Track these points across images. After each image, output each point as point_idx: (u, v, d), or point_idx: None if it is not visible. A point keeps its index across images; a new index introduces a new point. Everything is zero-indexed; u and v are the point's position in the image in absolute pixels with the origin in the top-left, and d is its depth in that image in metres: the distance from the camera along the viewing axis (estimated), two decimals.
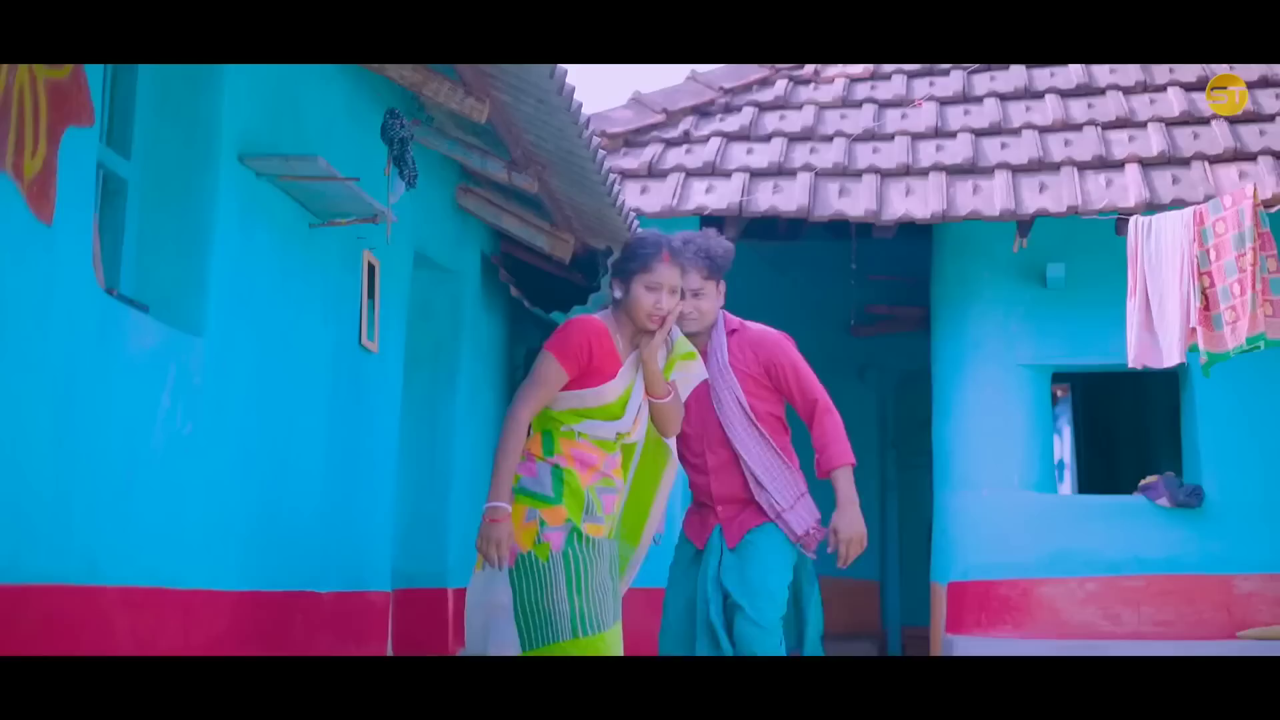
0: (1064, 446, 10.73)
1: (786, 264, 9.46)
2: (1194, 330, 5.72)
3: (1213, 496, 6.86)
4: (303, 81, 4.37)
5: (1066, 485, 10.72)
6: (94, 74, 3.18)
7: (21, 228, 2.86)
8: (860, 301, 8.68)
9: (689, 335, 3.91)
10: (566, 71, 4.29)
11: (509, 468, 3.35)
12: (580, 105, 4.60)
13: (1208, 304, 5.69)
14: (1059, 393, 10.50)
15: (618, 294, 3.52)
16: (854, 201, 6.72)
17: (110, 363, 3.24)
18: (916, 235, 7.77)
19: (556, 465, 3.42)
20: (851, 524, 3.95)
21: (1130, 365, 6.07)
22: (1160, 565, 6.86)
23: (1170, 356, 5.86)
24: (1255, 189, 5.63)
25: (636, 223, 6.21)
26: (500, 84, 4.63)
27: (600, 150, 5.16)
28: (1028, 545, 7.00)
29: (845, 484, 3.98)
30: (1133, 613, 6.83)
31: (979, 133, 7.21)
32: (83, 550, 3.14)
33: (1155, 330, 5.96)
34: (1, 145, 2.77)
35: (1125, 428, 10.22)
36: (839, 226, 7.32)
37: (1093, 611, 6.87)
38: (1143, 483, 7.07)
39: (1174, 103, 7.21)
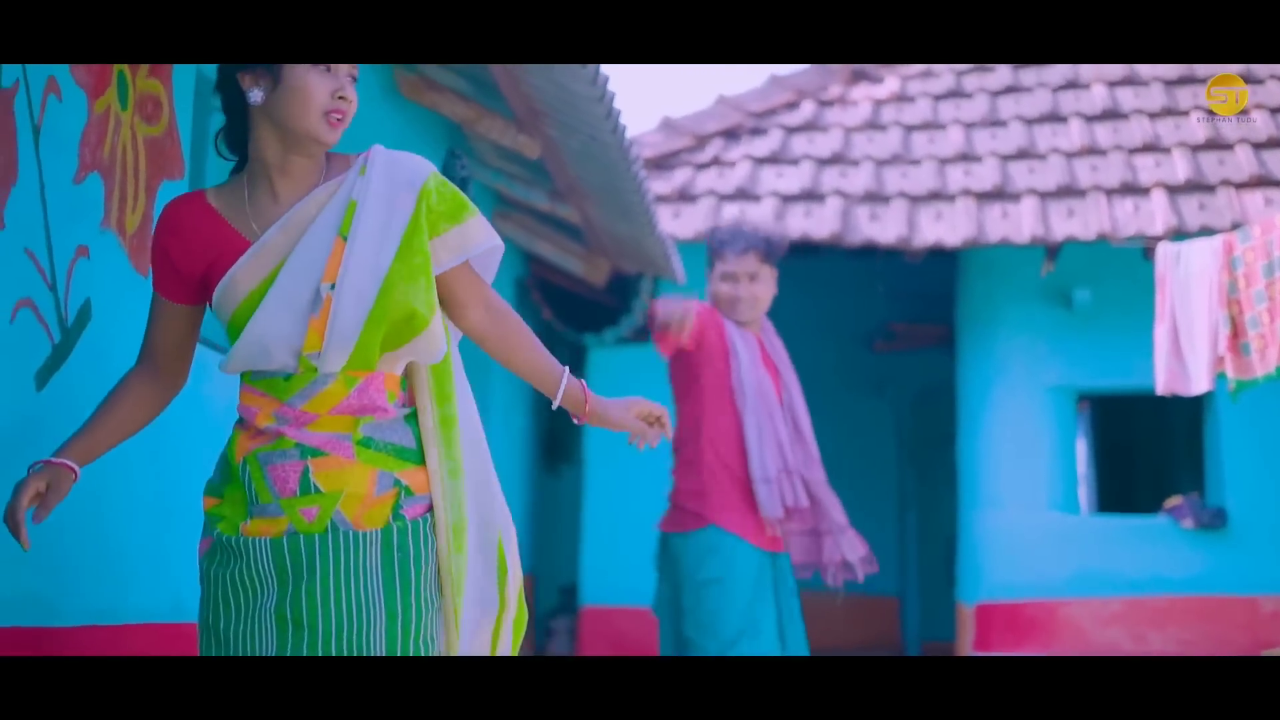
0: (1081, 463, 10.82)
1: (804, 280, 9.58)
2: (1222, 358, 5.82)
3: (1236, 518, 6.97)
4: (359, 119, 4.46)
5: (1082, 502, 10.82)
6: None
7: (123, 281, 2.95)
8: (881, 318, 8.81)
9: (742, 324, 3.70)
10: (620, 111, 4.39)
11: (92, 419, 2.21)
12: (632, 143, 4.70)
13: (1236, 332, 5.79)
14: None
15: (256, 98, 2.06)
16: (884, 227, 6.82)
17: (196, 405, 3.32)
18: (938, 252, 7.87)
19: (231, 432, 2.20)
20: None
21: (1159, 392, 6.16)
22: (1184, 586, 6.98)
23: (1199, 384, 5.95)
24: None
25: (674, 248, 6.32)
26: (551, 120, 4.73)
27: (646, 183, 5.26)
28: (1053, 566, 7.11)
29: None
30: (1157, 633, 6.94)
31: (1006, 157, 7.31)
32: (171, 588, 3.23)
33: (1184, 358, 6.05)
34: (108, 203, 2.86)
35: (1143, 445, 10.33)
36: None
37: (1118, 632, 6.98)
38: (1167, 504, 7.18)
39: (1198, 128, 7.31)
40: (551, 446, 8.05)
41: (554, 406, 2.29)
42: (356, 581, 2.00)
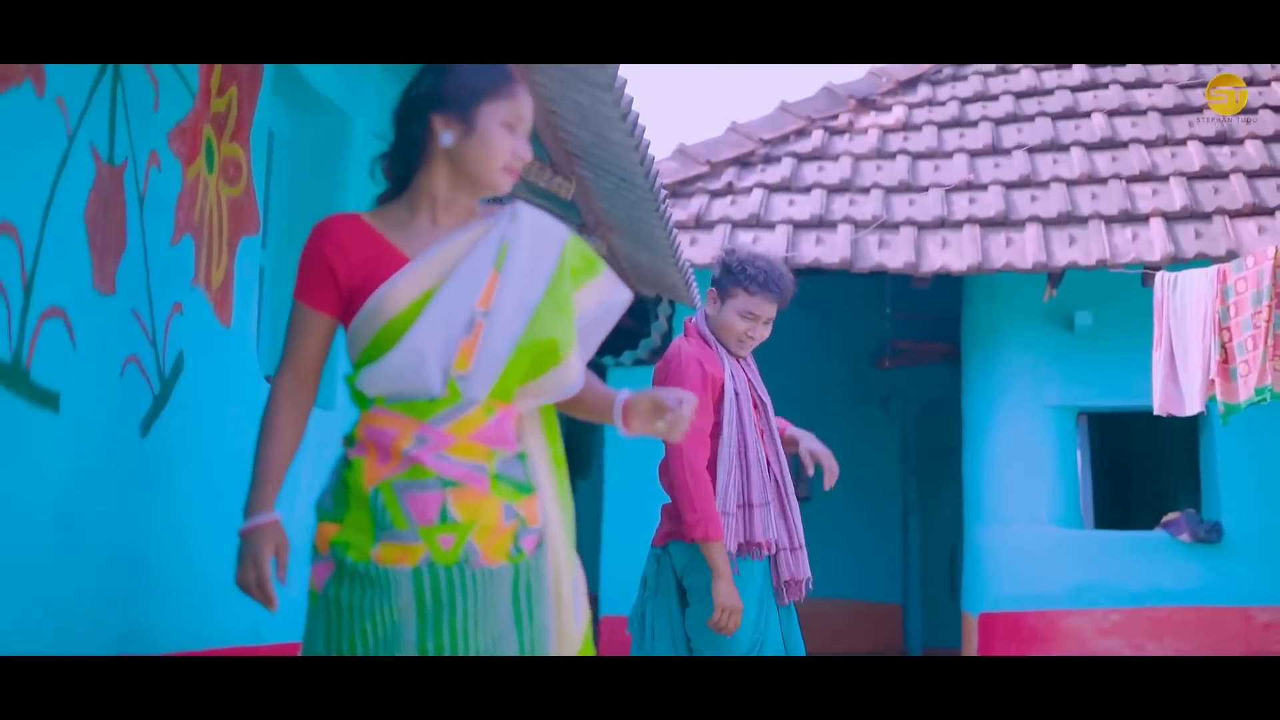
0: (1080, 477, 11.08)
1: (813, 298, 9.85)
2: (1213, 382, 6.10)
3: (1231, 532, 7.24)
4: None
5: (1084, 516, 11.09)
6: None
7: (208, 332, 3.21)
8: (886, 336, 9.07)
9: (738, 357, 3.72)
10: (655, 158, 4.64)
11: (264, 461, 2.25)
12: (662, 188, 4.95)
13: (1226, 357, 6.07)
14: None
15: (447, 140, 2.23)
16: (893, 254, 7.09)
17: None
18: (944, 275, 8.14)
19: (344, 458, 2.25)
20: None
21: (1155, 413, 6.44)
22: (1181, 597, 7.25)
23: (1192, 406, 6.24)
24: (1277, 251, 5.98)
25: (692, 275, 6.57)
26: (584, 163, 4.99)
27: (671, 218, 5.51)
28: (1055, 578, 7.37)
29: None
30: (1155, 643, 7.21)
31: (1009, 185, 7.57)
32: (247, 615, 3.47)
33: (1179, 381, 6.33)
34: (198, 261, 3.11)
35: (1139, 459, 10.60)
36: None
37: (1117, 641, 7.25)
38: (1165, 519, 7.46)
39: (1194, 157, 7.57)
40: (568, 461, 8.28)
41: (621, 431, 2.41)
42: (491, 617, 2.13)
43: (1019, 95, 8.54)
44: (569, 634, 2.29)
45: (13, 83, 2.31)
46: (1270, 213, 7.06)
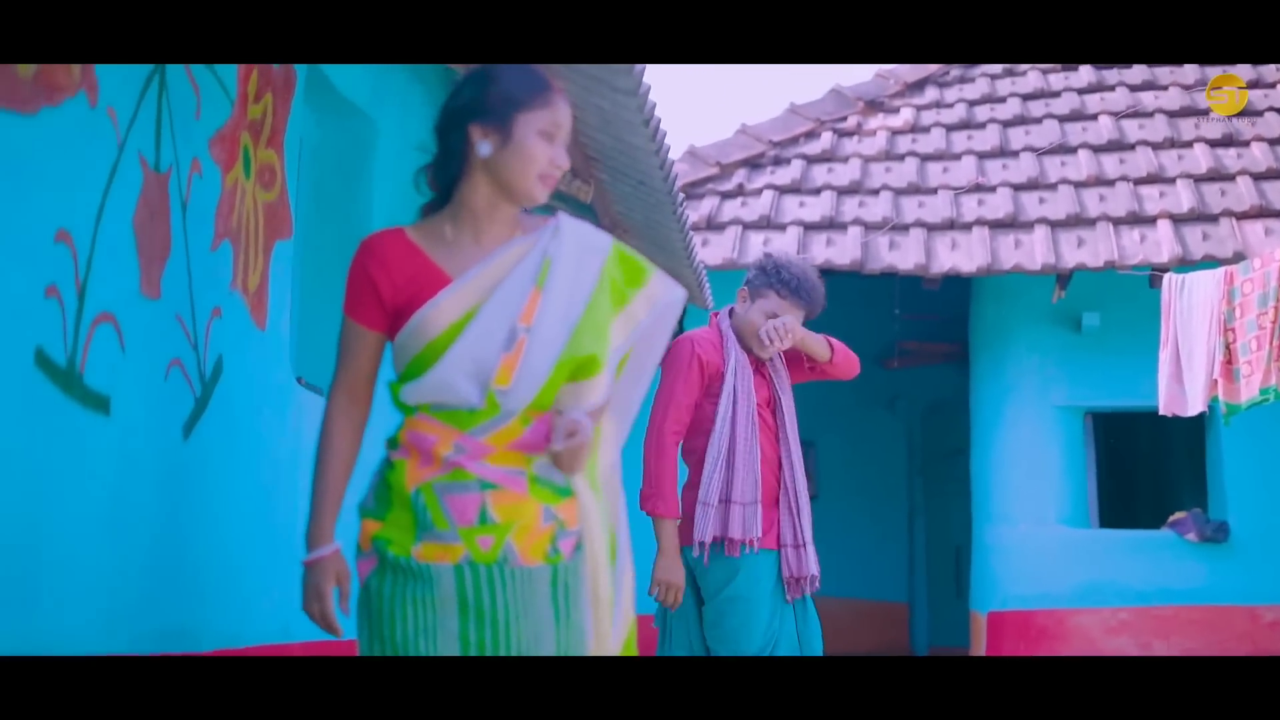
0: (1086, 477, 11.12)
1: None
2: (1216, 382, 6.17)
3: (1237, 531, 7.30)
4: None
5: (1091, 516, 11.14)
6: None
7: (244, 335, 3.26)
8: (894, 336, 9.13)
9: (763, 357, 3.79)
10: (673, 162, 4.69)
11: (322, 485, 2.30)
12: (681, 194, 5.00)
13: (1230, 358, 6.14)
14: None
15: (485, 150, 2.23)
16: (904, 255, 7.14)
17: (299, 445, 3.63)
18: (952, 277, 8.19)
19: (387, 459, 2.29)
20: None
21: (1161, 413, 6.50)
22: (1187, 596, 7.31)
23: (1195, 406, 6.31)
24: None
25: (705, 276, 6.62)
26: (603, 166, 5.04)
27: (688, 221, 5.56)
28: (1062, 577, 7.44)
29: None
30: (1162, 642, 7.27)
31: (1018, 187, 7.63)
32: (277, 613, 3.53)
33: (1183, 381, 6.40)
34: (235, 266, 3.16)
35: (1143, 459, 10.66)
36: None
37: (1124, 640, 7.31)
38: (1171, 518, 7.52)
39: (1201, 159, 7.63)
40: None
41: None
42: (532, 615, 2.19)
43: (1026, 97, 8.60)
44: (606, 635, 2.32)
45: (68, 93, 2.36)
46: (1277, 214, 7.12)
